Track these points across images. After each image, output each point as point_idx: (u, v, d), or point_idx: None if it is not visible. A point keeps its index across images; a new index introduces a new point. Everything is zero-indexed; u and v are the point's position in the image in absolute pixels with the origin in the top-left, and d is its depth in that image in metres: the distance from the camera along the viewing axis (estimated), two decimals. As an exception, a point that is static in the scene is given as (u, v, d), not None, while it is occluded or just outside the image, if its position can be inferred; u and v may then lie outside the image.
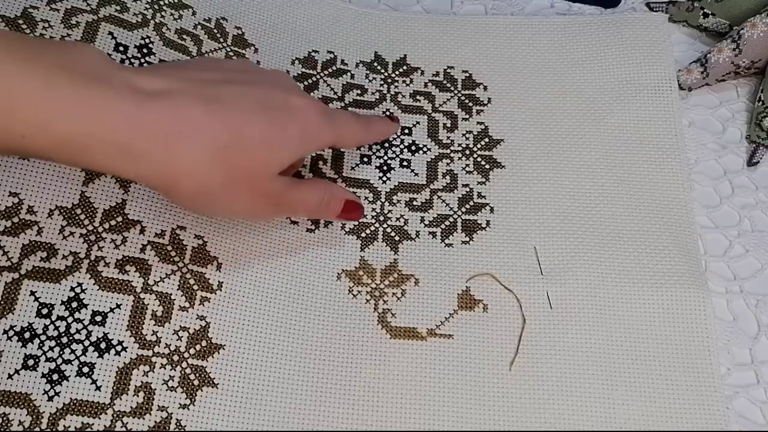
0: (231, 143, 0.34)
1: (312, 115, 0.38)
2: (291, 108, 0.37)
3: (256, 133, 0.35)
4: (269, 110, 0.36)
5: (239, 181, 0.35)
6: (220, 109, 0.34)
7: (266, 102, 0.36)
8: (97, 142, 0.31)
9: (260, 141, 0.35)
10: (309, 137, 0.38)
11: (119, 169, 0.33)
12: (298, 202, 0.39)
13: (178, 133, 0.33)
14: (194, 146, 0.33)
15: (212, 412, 0.39)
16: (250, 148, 0.35)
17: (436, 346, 0.43)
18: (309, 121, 0.38)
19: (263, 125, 0.35)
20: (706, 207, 0.49)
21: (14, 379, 0.37)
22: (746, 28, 0.51)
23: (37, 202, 0.40)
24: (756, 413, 0.42)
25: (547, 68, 0.52)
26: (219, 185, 0.35)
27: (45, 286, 0.38)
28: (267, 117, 0.36)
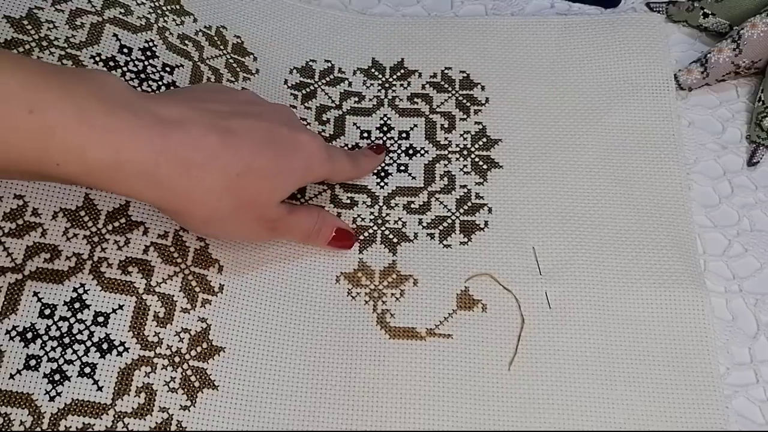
0: (243, 172, 0.36)
1: (315, 150, 0.41)
2: (297, 143, 0.40)
3: (264, 164, 0.37)
4: (277, 143, 0.39)
5: (246, 208, 0.38)
6: (233, 140, 0.36)
7: (274, 135, 0.39)
8: (125, 169, 0.33)
9: (268, 171, 0.38)
10: (310, 170, 0.41)
11: (141, 195, 0.34)
12: (294, 227, 0.42)
13: (196, 162, 0.35)
14: (210, 175, 0.35)
15: (212, 414, 0.40)
16: (259, 177, 0.37)
17: (435, 346, 0.43)
18: (312, 156, 0.41)
19: (271, 157, 0.38)
20: (705, 207, 0.48)
21: (16, 379, 0.37)
22: (746, 28, 0.51)
23: (41, 205, 0.40)
24: (755, 412, 0.42)
25: (546, 68, 0.52)
26: (228, 211, 0.37)
27: (48, 287, 0.39)
28: (275, 149, 0.38)
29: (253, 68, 0.51)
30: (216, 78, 0.48)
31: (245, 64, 0.50)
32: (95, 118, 0.32)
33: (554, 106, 0.51)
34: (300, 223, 0.43)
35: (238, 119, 0.37)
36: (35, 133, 0.30)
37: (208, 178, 0.35)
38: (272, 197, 0.39)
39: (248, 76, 0.50)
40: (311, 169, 0.41)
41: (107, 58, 0.44)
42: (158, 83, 0.45)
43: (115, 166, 0.32)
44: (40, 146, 0.31)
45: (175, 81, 0.46)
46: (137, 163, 0.33)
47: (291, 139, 0.39)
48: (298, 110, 0.50)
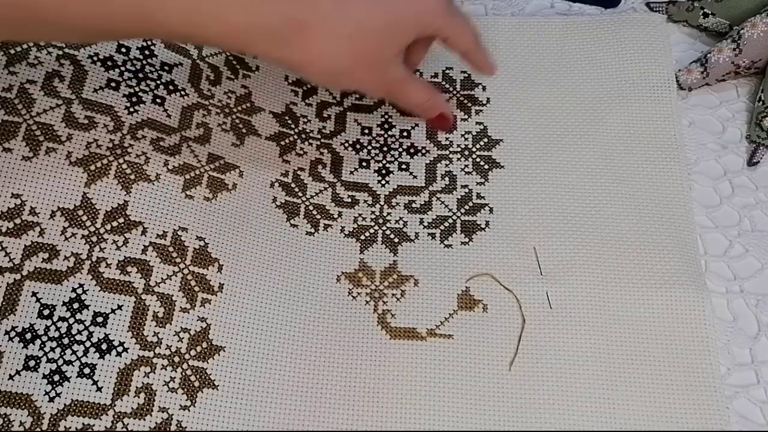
0: (354, 34, 0.39)
1: (429, 2, 0.42)
2: (415, 3, 0.41)
3: (375, 23, 0.39)
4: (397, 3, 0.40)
5: (361, 67, 0.40)
6: (344, 2, 0.38)
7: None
8: (259, 30, 0.37)
9: (379, 30, 0.40)
10: (423, 23, 0.42)
11: (268, 53, 0.38)
12: (408, 94, 0.44)
13: (312, 24, 0.37)
14: (323, 37, 0.38)
15: (212, 414, 0.39)
16: (371, 37, 0.40)
17: (435, 346, 0.43)
18: (426, 9, 0.42)
19: (382, 14, 0.40)
20: (706, 207, 0.48)
21: (15, 380, 0.37)
22: (746, 28, 0.51)
23: (39, 204, 0.40)
24: (756, 413, 0.42)
25: (547, 68, 0.52)
26: (344, 69, 0.40)
27: (46, 287, 0.39)
28: (386, 6, 0.40)
29: (253, 65, 0.50)
30: (215, 76, 0.48)
31: (245, 61, 0.50)
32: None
33: (555, 107, 0.51)
34: (415, 92, 0.44)
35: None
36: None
37: (323, 41, 0.38)
38: (384, 55, 0.41)
39: (248, 74, 0.50)
40: (424, 23, 0.42)
41: (105, 58, 0.44)
42: (156, 82, 0.45)
43: (251, 28, 0.36)
44: (188, 9, 0.35)
45: (173, 79, 0.46)
46: (270, 26, 0.36)
47: (416, 7, 0.41)
48: (298, 106, 0.50)
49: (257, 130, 0.48)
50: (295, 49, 0.38)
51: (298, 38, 0.37)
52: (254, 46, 0.37)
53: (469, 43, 0.46)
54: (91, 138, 0.42)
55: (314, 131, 0.50)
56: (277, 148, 0.48)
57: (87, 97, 0.43)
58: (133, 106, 0.44)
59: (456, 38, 0.45)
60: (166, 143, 0.44)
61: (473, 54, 0.46)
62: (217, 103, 0.47)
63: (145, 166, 0.42)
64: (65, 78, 0.42)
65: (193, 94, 0.46)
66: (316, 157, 0.49)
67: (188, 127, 0.45)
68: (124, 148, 0.42)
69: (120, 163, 0.42)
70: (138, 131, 0.43)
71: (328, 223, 0.47)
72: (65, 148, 0.41)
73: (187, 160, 0.44)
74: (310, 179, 0.48)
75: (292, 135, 0.49)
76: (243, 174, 0.46)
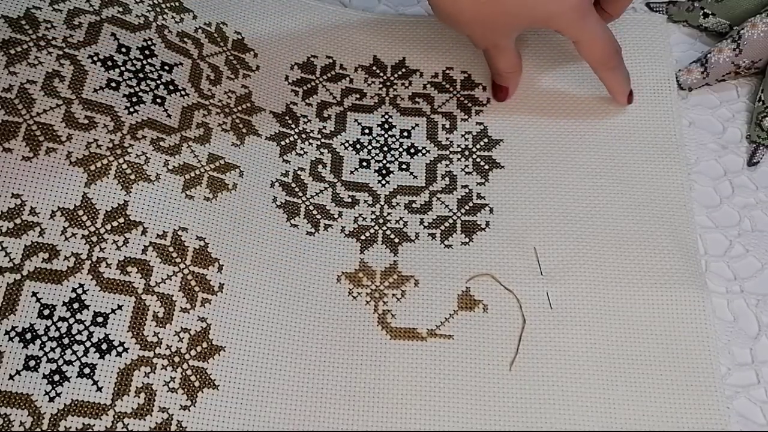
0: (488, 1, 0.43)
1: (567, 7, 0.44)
2: (556, 3, 0.44)
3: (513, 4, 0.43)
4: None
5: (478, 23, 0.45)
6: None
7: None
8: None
9: (509, 7, 0.44)
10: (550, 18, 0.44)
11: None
12: (498, 60, 0.49)
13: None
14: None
15: (213, 414, 0.39)
16: (498, 7, 0.44)
17: (436, 346, 0.43)
18: (558, 7, 0.44)
19: None
20: (706, 207, 0.48)
21: (15, 380, 0.37)
22: (746, 28, 0.51)
23: (39, 204, 0.40)
24: (756, 413, 0.42)
25: (547, 68, 0.52)
26: (462, 19, 0.45)
27: (47, 287, 0.39)
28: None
29: (253, 65, 0.50)
30: (215, 75, 0.48)
31: (245, 61, 0.50)
32: None
33: (555, 107, 0.51)
34: (504, 61, 0.48)
35: None
36: None
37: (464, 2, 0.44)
38: (501, 26, 0.45)
39: (248, 73, 0.50)
40: (552, 17, 0.44)
41: (105, 58, 0.44)
42: (156, 82, 0.45)
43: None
44: None
45: (173, 79, 0.46)
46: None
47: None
48: (299, 106, 0.50)
49: (257, 130, 0.48)
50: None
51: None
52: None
53: (597, 56, 0.46)
54: (91, 138, 0.42)
55: (314, 131, 0.50)
56: (278, 148, 0.48)
57: (87, 97, 0.43)
58: (133, 106, 0.44)
59: (584, 46, 0.46)
60: (166, 143, 0.44)
61: (602, 71, 0.47)
62: (218, 103, 0.47)
63: (145, 166, 0.42)
64: (65, 78, 0.42)
65: (193, 94, 0.46)
66: (316, 157, 0.49)
67: (188, 127, 0.45)
68: (124, 148, 0.42)
69: (120, 163, 0.42)
70: (138, 131, 0.43)
71: (329, 223, 0.47)
72: (65, 148, 0.41)
73: (187, 160, 0.44)
74: (311, 179, 0.48)
75: (292, 135, 0.49)
76: (243, 174, 0.46)
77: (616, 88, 0.49)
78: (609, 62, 0.47)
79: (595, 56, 0.47)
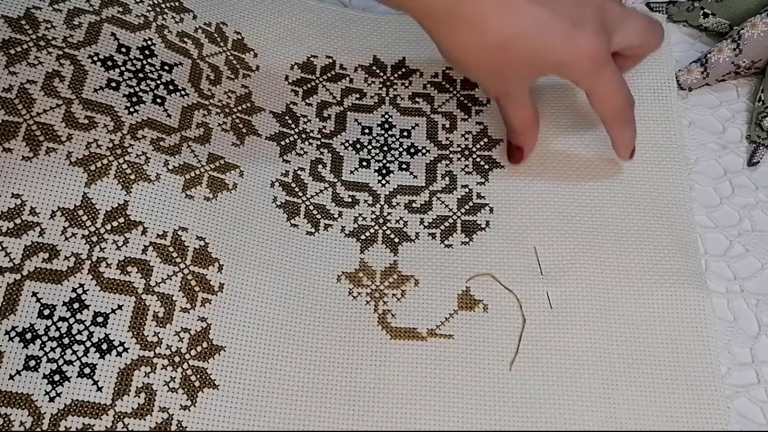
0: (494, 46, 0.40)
1: (580, 56, 0.41)
2: (568, 38, 0.40)
3: (518, 48, 0.40)
4: (548, 29, 0.40)
5: (488, 71, 0.43)
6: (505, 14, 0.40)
7: (549, 20, 0.40)
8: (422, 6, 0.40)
9: (517, 55, 0.41)
10: (561, 69, 0.42)
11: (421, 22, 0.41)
12: (509, 111, 0.45)
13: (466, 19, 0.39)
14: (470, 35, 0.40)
15: (213, 413, 0.39)
16: (508, 56, 0.41)
17: (436, 346, 0.43)
18: (571, 55, 0.41)
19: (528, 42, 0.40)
20: (706, 207, 0.48)
21: (15, 380, 0.37)
22: (746, 28, 0.51)
23: (39, 204, 0.40)
24: (756, 413, 0.42)
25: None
26: (470, 66, 0.43)
27: (47, 287, 0.39)
28: (540, 35, 0.40)
29: (253, 65, 0.50)
30: (215, 75, 0.48)
31: (245, 61, 0.50)
32: None
33: (555, 106, 0.51)
34: (516, 114, 0.45)
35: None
36: None
37: (467, 37, 0.40)
38: (512, 75, 0.42)
39: (248, 73, 0.50)
40: (562, 70, 0.42)
41: (105, 58, 0.44)
42: (156, 82, 0.45)
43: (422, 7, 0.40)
44: None
45: (173, 79, 0.46)
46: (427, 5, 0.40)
47: (564, 34, 0.40)
48: (299, 106, 0.50)
49: (257, 130, 0.48)
50: (442, 31, 0.41)
51: (450, 24, 0.40)
52: (412, 12, 0.41)
53: (610, 110, 0.44)
54: (91, 138, 0.42)
55: (314, 131, 0.50)
56: (278, 147, 0.48)
57: (87, 97, 0.43)
58: (133, 106, 0.44)
59: (596, 98, 0.43)
60: (166, 143, 0.44)
61: (611, 125, 0.45)
62: (217, 103, 0.47)
63: (145, 166, 0.42)
64: (65, 78, 0.42)
65: (193, 93, 0.46)
66: (316, 157, 0.49)
67: (188, 127, 0.45)
68: (124, 148, 0.42)
69: (120, 163, 0.42)
70: (138, 131, 0.43)
71: (329, 223, 0.47)
72: (65, 148, 0.41)
73: (187, 160, 0.44)
74: (311, 179, 0.48)
75: (292, 135, 0.49)
76: (243, 174, 0.46)
77: (622, 143, 0.46)
78: (621, 117, 0.44)
79: (608, 110, 0.44)
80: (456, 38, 0.40)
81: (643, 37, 0.45)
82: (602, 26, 0.41)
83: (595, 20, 0.41)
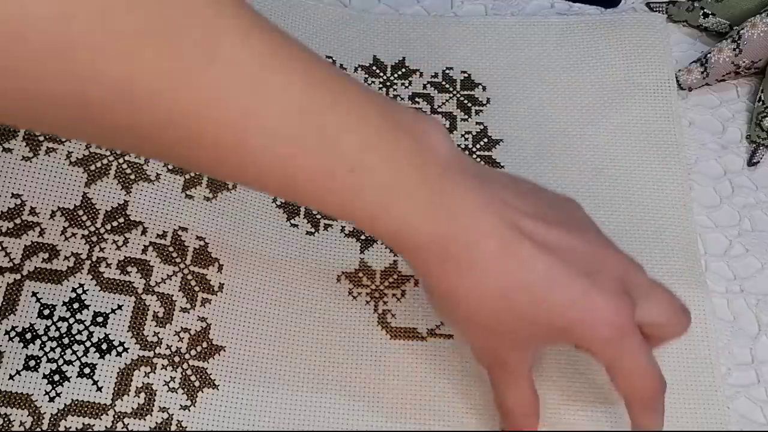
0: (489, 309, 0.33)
1: (597, 326, 0.33)
2: (580, 305, 0.33)
3: (516, 311, 0.33)
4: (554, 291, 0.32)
5: (479, 335, 0.35)
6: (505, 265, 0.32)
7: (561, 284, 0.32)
8: (410, 245, 0.32)
9: (515, 320, 0.33)
10: (572, 337, 0.34)
11: (411, 263, 0.34)
12: (503, 390, 0.37)
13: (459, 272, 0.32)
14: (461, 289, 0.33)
15: (213, 413, 0.39)
16: (503, 321, 0.33)
17: (436, 346, 0.43)
18: (585, 330, 0.33)
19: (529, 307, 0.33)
20: (706, 207, 0.48)
21: (15, 379, 0.37)
22: (746, 28, 0.51)
23: (39, 204, 0.40)
24: (757, 413, 0.42)
25: (547, 68, 0.52)
26: (460, 327, 0.36)
27: (47, 287, 0.39)
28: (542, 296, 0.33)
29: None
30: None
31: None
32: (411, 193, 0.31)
33: (555, 107, 0.51)
34: (511, 396, 0.36)
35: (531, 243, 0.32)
36: (347, 190, 0.30)
37: (456, 282, 0.32)
38: (513, 341, 0.34)
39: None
40: (575, 328, 0.33)
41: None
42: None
43: (403, 240, 0.32)
44: (346, 199, 0.30)
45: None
46: (416, 246, 0.32)
47: (579, 290, 0.32)
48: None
49: (257, 130, 0.48)
50: (432, 269, 0.33)
51: (439, 262, 0.32)
52: (401, 251, 0.33)
53: (636, 392, 0.35)
54: (91, 138, 0.42)
55: (314, 131, 0.50)
56: (278, 148, 0.48)
57: (87, 97, 0.43)
58: (133, 106, 0.44)
59: (619, 376, 0.34)
60: (166, 143, 0.44)
61: (636, 409, 0.35)
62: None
63: (145, 166, 0.42)
64: (65, 78, 0.42)
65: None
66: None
67: (188, 127, 0.45)
68: (124, 148, 0.42)
69: (120, 163, 0.42)
70: (138, 131, 0.43)
71: (329, 223, 0.47)
72: (65, 148, 0.41)
73: (188, 160, 0.44)
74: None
75: (292, 135, 0.49)
76: (243, 174, 0.46)
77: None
78: (649, 403, 0.35)
79: (633, 391, 0.35)
80: (446, 279, 0.32)
81: (670, 316, 0.36)
82: (624, 290, 0.34)
83: (616, 281, 0.33)
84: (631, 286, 0.34)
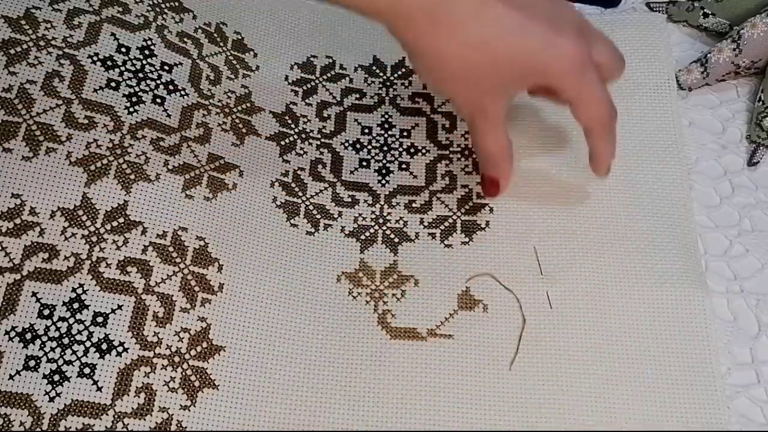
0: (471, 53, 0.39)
1: (564, 59, 0.39)
2: (549, 41, 0.39)
3: (492, 54, 0.39)
4: (526, 34, 0.39)
5: (461, 83, 0.41)
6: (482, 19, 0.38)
7: (528, 26, 0.39)
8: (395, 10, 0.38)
9: (493, 62, 0.39)
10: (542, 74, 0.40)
11: (393, 30, 0.39)
12: (482, 135, 0.43)
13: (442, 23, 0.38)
14: (445, 40, 0.39)
15: (213, 413, 0.39)
16: (483, 65, 0.39)
17: (436, 346, 0.43)
18: (556, 64, 0.39)
19: (505, 47, 0.39)
20: (706, 207, 0.48)
21: (15, 380, 0.37)
22: (746, 28, 0.51)
23: (39, 204, 0.40)
24: (756, 413, 0.42)
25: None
26: (445, 77, 0.41)
27: (46, 287, 0.39)
28: (520, 39, 0.39)
29: (253, 65, 0.50)
30: (215, 75, 0.48)
31: (245, 61, 0.50)
32: None
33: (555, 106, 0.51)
34: (489, 139, 0.43)
35: None
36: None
37: (443, 42, 0.38)
38: (486, 86, 0.40)
39: (248, 73, 0.50)
40: (548, 69, 0.40)
41: (105, 58, 0.44)
42: (156, 82, 0.45)
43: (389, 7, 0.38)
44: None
45: (173, 79, 0.46)
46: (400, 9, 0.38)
47: (545, 36, 0.39)
48: (298, 106, 0.50)
49: (257, 130, 0.48)
50: (419, 34, 0.39)
51: (427, 27, 0.38)
52: (384, 20, 0.39)
53: (594, 118, 0.42)
54: (91, 138, 0.42)
55: (314, 131, 0.50)
56: (277, 147, 0.48)
57: (87, 97, 0.43)
58: (133, 106, 0.44)
59: (580, 105, 0.41)
60: (166, 143, 0.44)
61: (592, 135, 0.43)
62: (217, 103, 0.47)
63: (145, 166, 0.42)
64: (65, 78, 0.42)
65: (193, 93, 0.46)
66: (316, 157, 0.49)
67: (188, 127, 0.45)
68: (124, 148, 0.42)
69: (120, 163, 0.42)
70: (138, 131, 0.43)
71: (328, 223, 0.47)
72: (65, 148, 0.41)
73: (187, 160, 0.44)
74: (310, 179, 0.48)
75: (292, 135, 0.49)
76: (243, 174, 0.46)
77: (603, 157, 0.44)
78: (604, 127, 0.42)
79: (591, 119, 0.42)
80: (433, 40, 0.38)
81: (616, 58, 0.43)
82: (582, 33, 0.40)
83: (574, 26, 0.40)
84: (585, 32, 0.41)
